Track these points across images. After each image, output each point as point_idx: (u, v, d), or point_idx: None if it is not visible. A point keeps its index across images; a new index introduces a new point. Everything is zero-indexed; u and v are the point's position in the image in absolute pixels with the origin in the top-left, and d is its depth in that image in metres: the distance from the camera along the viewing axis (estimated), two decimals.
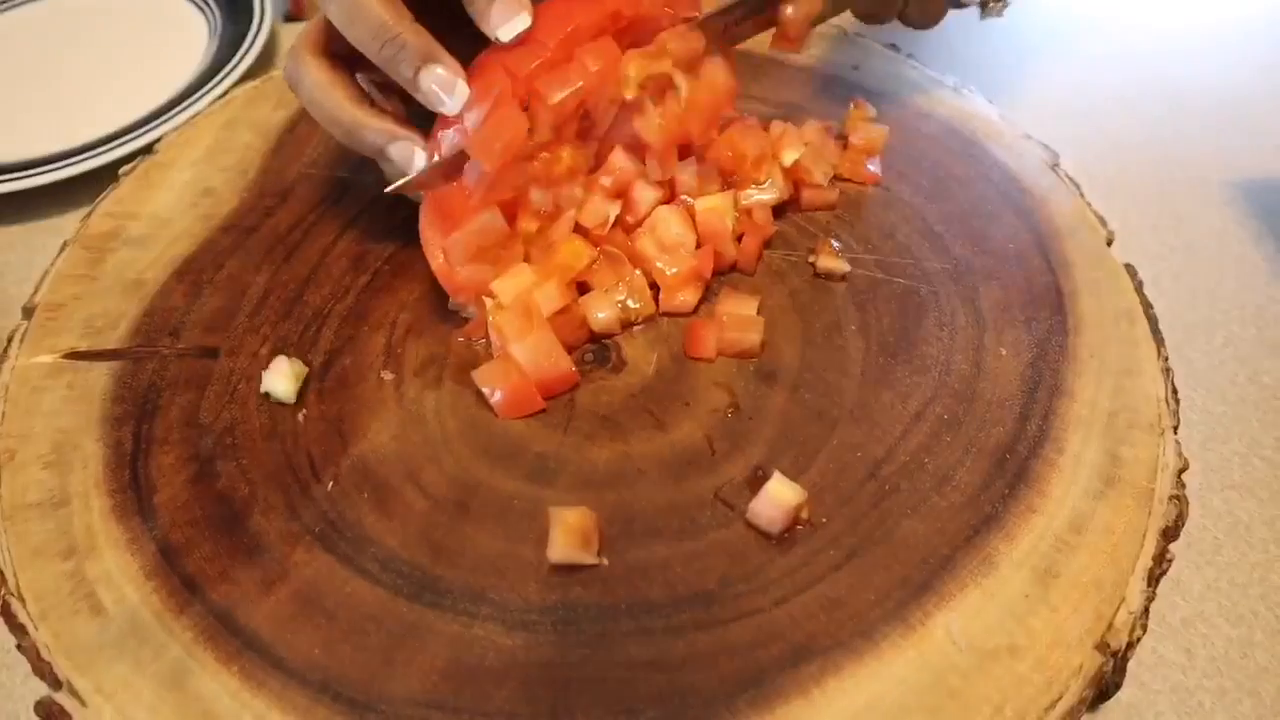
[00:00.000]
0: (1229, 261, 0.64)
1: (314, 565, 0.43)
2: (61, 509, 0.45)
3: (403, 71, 0.47)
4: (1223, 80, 0.79)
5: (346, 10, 0.47)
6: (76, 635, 0.41)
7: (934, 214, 0.58)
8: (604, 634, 0.41)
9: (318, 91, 0.50)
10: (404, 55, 0.46)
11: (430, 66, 0.46)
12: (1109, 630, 0.40)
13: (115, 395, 0.50)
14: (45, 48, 0.86)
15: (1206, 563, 0.50)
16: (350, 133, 0.50)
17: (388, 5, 0.47)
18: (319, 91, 0.50)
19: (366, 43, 0.47)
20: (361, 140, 0.50)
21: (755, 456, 0.46)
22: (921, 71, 0.68)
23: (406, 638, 0.41)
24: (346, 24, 0.47)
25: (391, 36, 0.46)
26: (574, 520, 0.43)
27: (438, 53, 0.47)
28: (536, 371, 0.47)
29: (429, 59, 0.46)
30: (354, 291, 0.54)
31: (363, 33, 0.47)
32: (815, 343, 0.51)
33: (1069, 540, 0.43)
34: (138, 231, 0.58)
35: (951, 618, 0.41)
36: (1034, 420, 0.47)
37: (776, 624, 0.41)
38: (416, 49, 0.46)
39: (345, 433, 0.48)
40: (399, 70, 0.47)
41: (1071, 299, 0.53)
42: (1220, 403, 0.56)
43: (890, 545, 0.43)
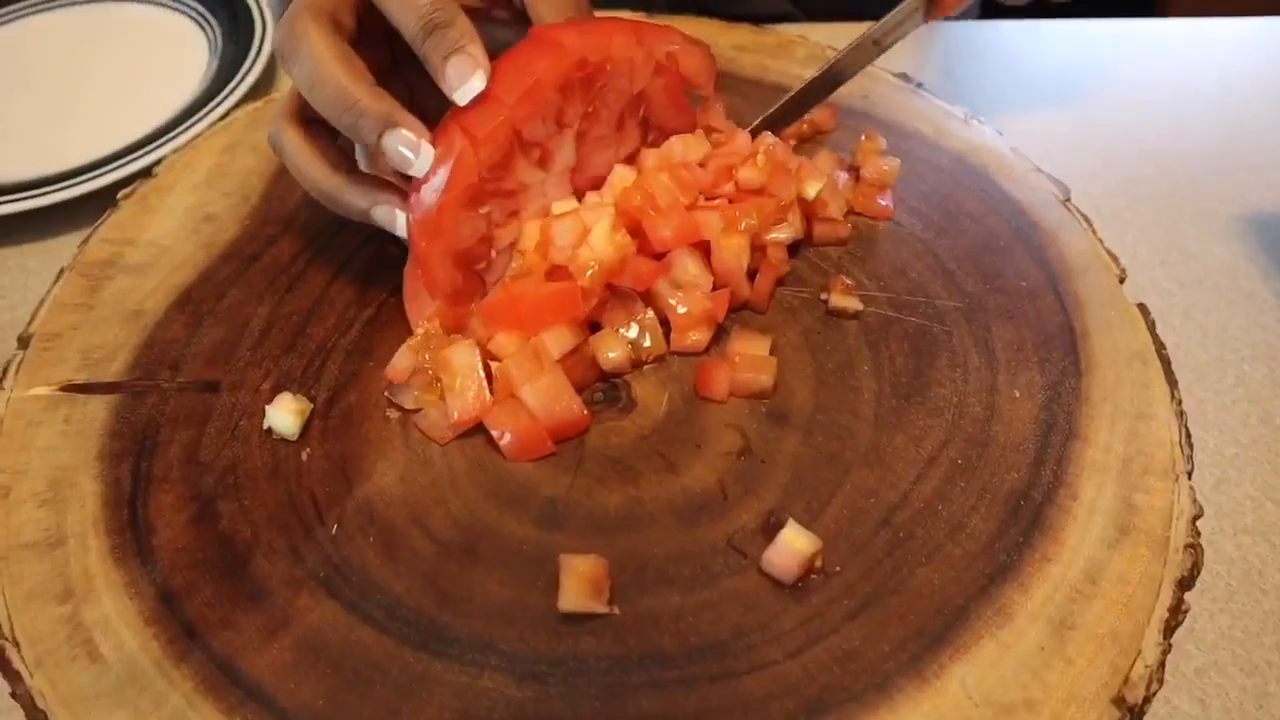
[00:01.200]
0: (1239, 297, 0.64)
1: (318, 612, 0.42)
2: (58, 549, 0.44)
3: (366, 137, 0.47)
4: (1232, 114, 0.78)
5: (309, 78, 0.47)
6: (73, 683, 0.40)
7: (946, 250, 0.57)
8: (615, 686, 0.40)
9: (297, 159, 0.50)
10: (365, 122, 0.46)
11: (393, 131, 0.46)
12: (1125, 684, 0.40)
13: (114, 430, 0.49)
14: (40, 66, 0.84)
15: (1220, 610, 0.49)
16: (332, 199, 0.50)
17: (347, 71, 0.47)
18: (299, 159, 0.50)
19: (329, 110, 0.47)
20: (345, 205, 0.50)
21: (768, 501, 0.46)
22: (932, 102, 0.67)
23: (413, 689, 0.40)
24: (309, 92, 0.47)
25: (352, 104, 0.46)
26: (585, 568, 0.42)
27: (399, 116, 0.46)
28: (547, 415, 0.47)
29: (389, 123, 0.46)
30: (358, 325, 0.53)
31: (324, 101, 0.47)
32: (828, 383, 0.51)
33: (1084, 590, 0.42)
34: (136, 259, 0.57)
35: (967, 670, 0.40)
36: (1048, 465, 0.47)
37: (790, 676, 0.40)
38: (377, 114, 0.46)
39: (350, 473, 0.47)
40: (362, 136, 0.47)
41: (1084, 339, 0.52)
42: (1232, 444, 0.56)
43: (904, 595, 0.42)
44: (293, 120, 0.50)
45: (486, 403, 0.47)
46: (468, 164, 0.47)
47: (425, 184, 0.47)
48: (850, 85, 0.67)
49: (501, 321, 0.48)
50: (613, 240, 0.49)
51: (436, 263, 0.48)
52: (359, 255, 0.57)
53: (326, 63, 0.46)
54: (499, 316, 0.48)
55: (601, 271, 0.49)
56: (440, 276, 0.49)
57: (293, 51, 0.47)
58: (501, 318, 0.48)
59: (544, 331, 0.48)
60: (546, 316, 0.48)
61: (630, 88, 0.53)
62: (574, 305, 0.48)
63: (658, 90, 0.54)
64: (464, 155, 0.47)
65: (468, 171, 0.47)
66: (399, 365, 0.49)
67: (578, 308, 0.49)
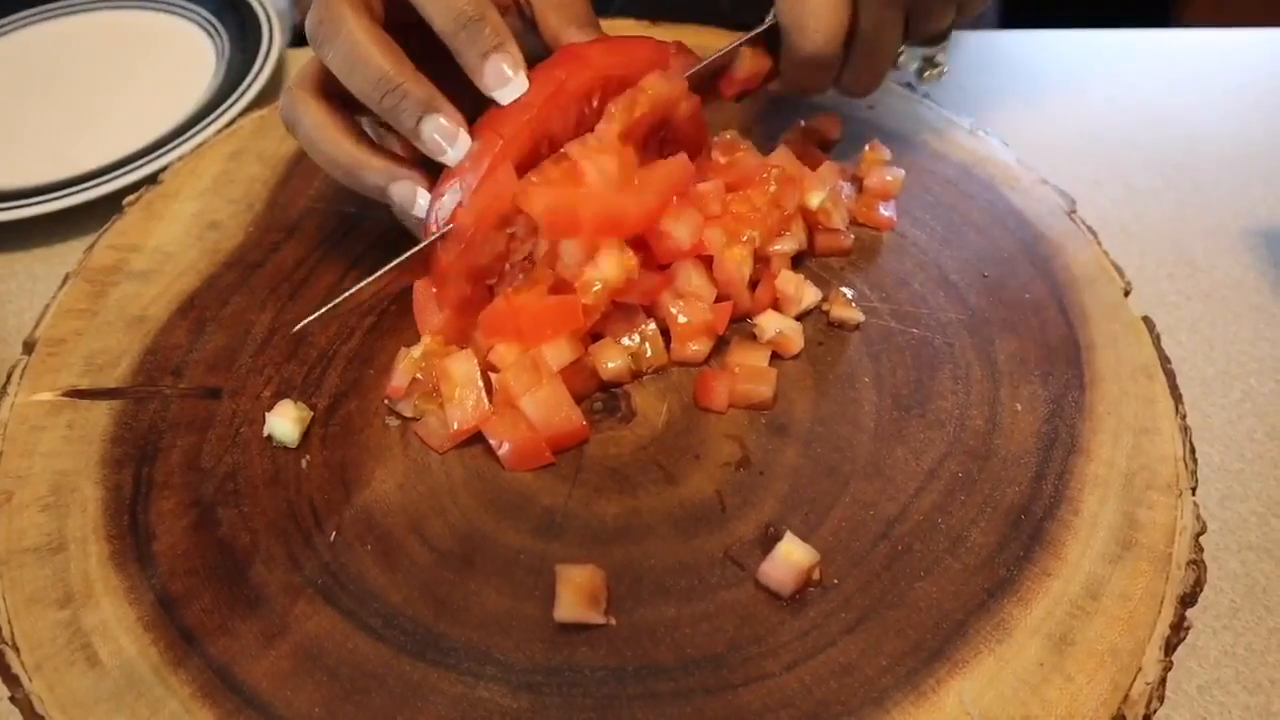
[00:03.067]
0: (1246, 311, 0.63)
1: (315, 619, 0.42)
2: (59, 554, 0.44)
3: (404, 121, 0.47)
4: (1242, 126, 0.78)
5: (346, 59, 0.47)
6: (71, 688, 0.40)
7: (949, 261, 0.57)
8: (611, 697, 0.40)
9: (316, 132, 0.49)
10: (406, 105, 0.46)
11: (432, 116, 0.46)
12: (1125, 702, 0.39)
13: (115, 436, 0.49)
14: (48, 72, 0.85)
15: (1223, 627, 0.49)
16: (350, 173, 0.49)
17: (389, 54, 0.46)
18: (317, 132, 0.49)
19: (367, 92, 0.47)
20: (362, 180, 0.49)
21: (766, 513, 0.46)
22: (937, 112, 0.67)
23: (409, 698, 0.40)
24: (347, 73, 0.47)
25: (393, 86, 0.46)
26: (582, 579, 0.42)
27: (440, 102, 0.46)
28: (546, 426, 0.47)
29: (431, 108, 0.46)
30: (360, 333, 0.54)
31: (363, 82, 0.47)
32: (828, 395, 0.50)
33: (1085, 606, 0.42)
34: (141, 265, 0.57)
35: (965, 686, 0.40)
36: (1050, 479, 0.47)
37: (787, 690, 0.40)
38: (418, 98, 0.46)
39: (349, 481, 0.47)
40: (400, 120, 0.47)
41: (1088, 352, 0.52)
42: (1238, 459, 0.55)
43: (903, 609, 0.42)
44: (311, 93, 0.50)
45: (485, 412, 0.47)
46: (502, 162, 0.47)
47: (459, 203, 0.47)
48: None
49: (501, 333, 0.48)
50: (620, 263, 0.49)
51: (454, 278, 0.49)
52: (361, 264, 0.57)
53: (365, 45, 0.46)
54: (499, 327, 0.48)
55: (606, 290, 0.49)
56: (454, 290, 0.49)
57: (331, 34, 0.47)
58: (502, 329, 0.48)
59: (544, 344, 0.48)
60: (547, 329, 0.48)
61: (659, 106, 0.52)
62: (575, 319, 0.48)
63: (682, 109, 0.54)
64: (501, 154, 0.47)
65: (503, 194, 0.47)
66: (398, 383, 0.49)
67: (579, 321, 0.48)
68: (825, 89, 0.58)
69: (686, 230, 0.50)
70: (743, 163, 0.54)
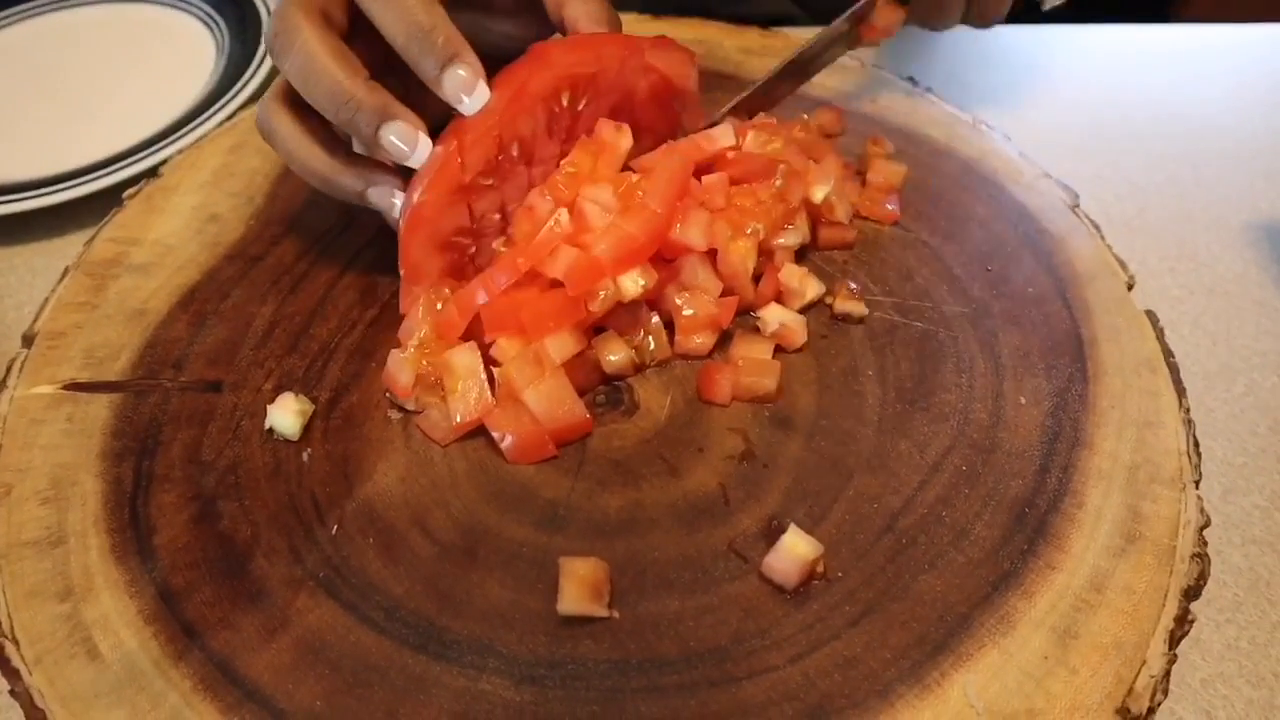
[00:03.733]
0: (1249, 306, 0.63)
1: (317, 613, 0.42)
2: (59, 548, 0.44)
3: (363, 131, 0.47)
4: (1244, 120, 0.78)
5: (302, 71, 0.47)
6: (72, 681, 0.40)
7: (952, 255, 0.57)
8: (614, 690, 0.40)
9: (291, 143, 0.50)
10: (361, 115, 0.46)
11: (389, 123, 0.46)
12: (1129, 695, 0.39)
13: (116, 429, 0.49)
14: (47, 65, 0.84)
15: (1227, 621, 0.49)
16: (327, 181, 0.50)
17: (343, 66, 0.47)
18: (292, 143, 0.50)
19: (324, 104, 0.47)
20: (339, 187, 0.50)
21: (770, 506, 0.45)
22: (940, 107, 0.67)
23: (411, 691, 0.40)
24: (303, 85, 0.47)
25: (348, 98, 0.46)
26: (585, 571, 0.42)
27: (395, 109, 0.47)
28: (550, 419, 0.46)
29: (386, 116, 0.46)
30: (361, 325, 0.53)
31: (319, 94, 0.47)
32: (832, 388, 0.50)
33: (1089, 599, 0.42)
34: (141, 258, 0.57)
35: (969, 679, 0.40)
36: (1054, 473, 0.46)
37: (790, 683, 0.40)
38: (373, 107, 0.46)
39: (351, 474, 0.47)
40: (358, 130, 0.47)
41: (1092, 346, 0.52)
42: (1241, 453, 0.55)
43: (907, 602, 0.42)
44: (284, 104, 0.50)
45: (488, 405, 0.47)
46: (453, 166, 0.47)
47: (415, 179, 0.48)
48: (858, 89, 0.67)
49: (504, 327, 0.48)
50: (638, 281, 0.48)
51: (416, 251, 0.49)
52: (362, 256, 0.57)
53: (319, 57, 0.46)
54: (501, 321, 0.48)
55: (613, 298, 0.48)
56: (421, 265, 0.49)
57: (285, 46, 0.47)
58: (504, 323, 0.48)
59: (547, 337, 0.48)
60: (549, 323, 0.48)
61: (616, 93, 0.53)
62: (578, 313, 0.48)
63: (643, 95, 0.54)
64: (450, 157, 0.47)
65: (453, 173, 0.48)
66: (400, 380, 0.48)
67: (582, 315, 0.48)
68: (955, 22, 0.59)
69: (698, 234, 0.50)
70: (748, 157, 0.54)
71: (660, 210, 0.49)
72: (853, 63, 0.70)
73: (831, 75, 0.68)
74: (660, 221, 0.48)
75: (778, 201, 0.53)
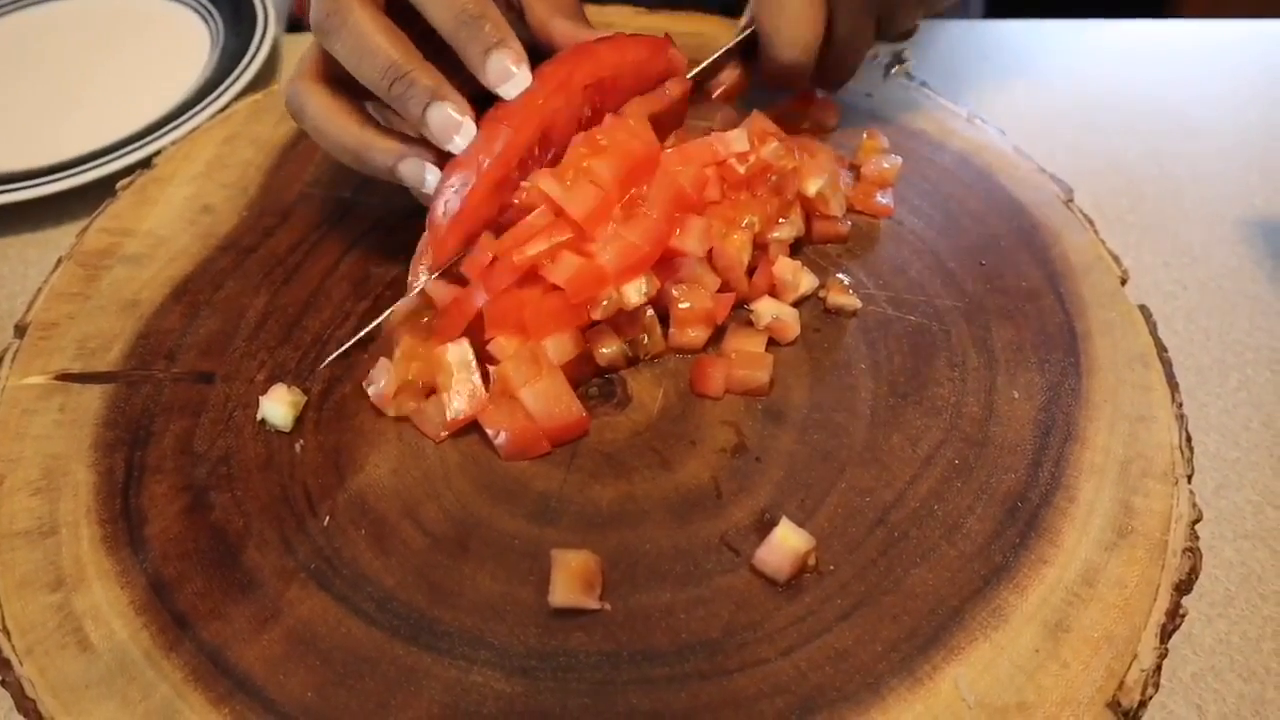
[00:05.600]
0: (1243, 301, 0.63)
1: (308, 604, 0.42)
2: (50, 538, 0.44)
3: (412, 108, 0.47)
4: (1239, 117, 0.78)
5: (355, 49, 0.47)
6: (63, 671, 0.40)
7: (946, 249, 0.57)
8: (605, 682, 0.40)
9: (321, 118, 0.50)
10: (413, 92, 0.47)
11: (439, 104, 0.47)
12: (1120, 689, 0.39)
13: (108, 420, 0.49)
14: (41, 55, 0.84)
15: (1218, 615, 0.49)
16: (358, 155, 0.50)
17: (396, 43, 0.47)
18: (323, 118, 0.50)
19: (376, 80, 0.47)
20: (370, 161, 0.49)
21: (762, 499, 0.45)
22: (935, 101, 0.67)
23: (403, 682, 0.40)
24: (355, 63, 0.48)
25: (401, 74, 0.47)
26: (577, 564, 0.42)
27: (446, 90, 0.47)
28: (547, 418, 0.46)
29: (438, 96, 0.47)
30: (355, 317, 0.53)
31: (371, 71, 0.47)
32: (825, 381, 0.50)
33: (1080, 593, 0.42)
34: (134, 249, 0.57)
35: (960, 672, 0.40)
36: (1046, 467, 0.47)
37: (782, 675, 0.40)
38: (426, 86, 0.47)
39: (343, 465, 0.47)
40: (408, 107, 0.47)
41: (1085, 340, 0.52)
42: (1233, 448, 0.55)
43: (898, 595, 0.42)
44: (315, 81, 0.50)
45: (482, 400, 0.47)
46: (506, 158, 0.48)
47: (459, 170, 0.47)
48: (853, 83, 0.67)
49: (505, 324, 0.48)
50: (641, 289, 0.48)
51: (454, 244, 0.49)
52: (356, 248, 0.57)
53: (373, 34, 0.47)
54: (503, 319, 0.48)
55: (615, 305, 0.48)
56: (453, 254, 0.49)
57: (338, 25, 0.47)
58: (506, 320, 0.48)
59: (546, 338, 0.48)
60: (550, 325, 0.48)
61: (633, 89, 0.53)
62: (580, 318, 0.48)
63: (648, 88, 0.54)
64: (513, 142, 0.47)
65: (504, 165, 0.48)
66: (386, 391, 0.48)
67: (584, 319, 0.48)
68: (801, 88, 0.60)
69: (697, 242, 0.50)
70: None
71: (662, 219, 0.49)
72: None
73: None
74: (659, 232, 0.48)
75: (773, 195, 0.53)
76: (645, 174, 0.50)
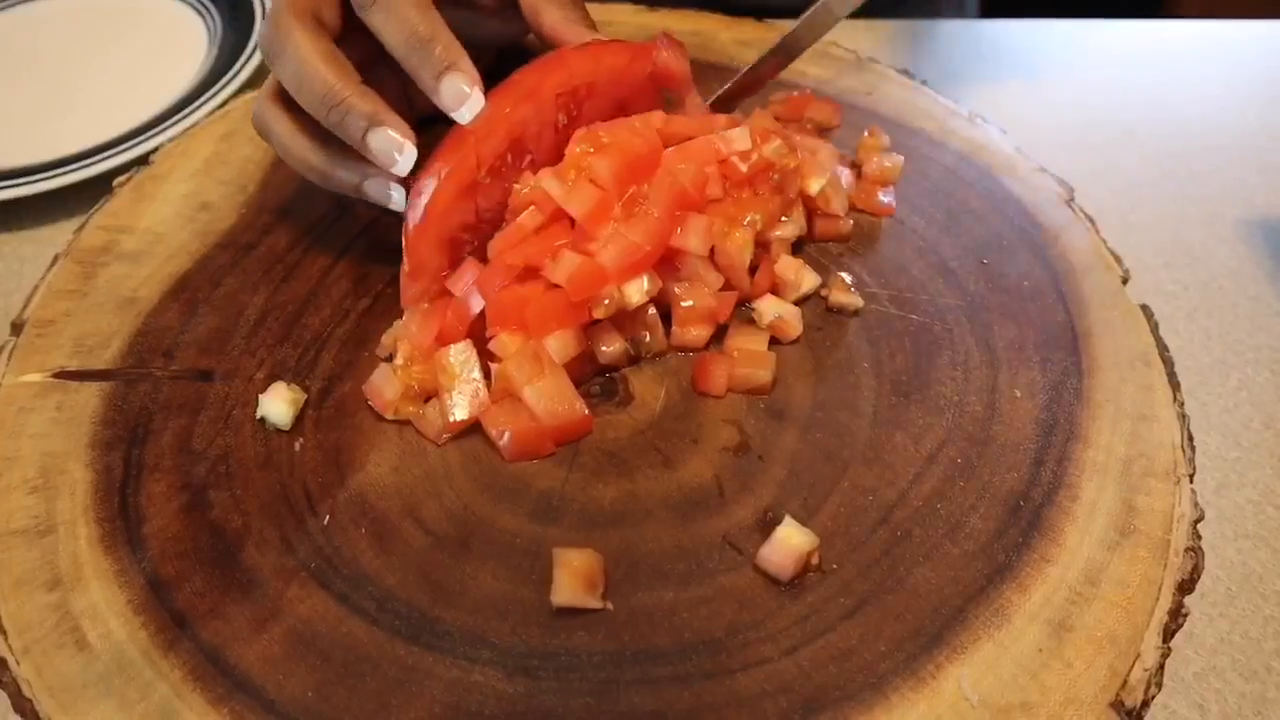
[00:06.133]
0: (1243, 301, 0.63)
1: (308, 603, 0.42)
2: (47, 537, 0.44)
3: (352, 134, 0.47)
4: (1239, 117, 0.78)
5: (294, 74, 0.48)
6: (60, 671, 0.40)
7: (948, 248, 0.57)
8: (608, 682, 0.39)
9: (287, 139, 0.51)
10: (351, 119, 0.47)
11: (378, 129, 0.47)
12: (1124, 688, 0.39)
13: (105, 418, 0.48)
14: (38, 52, 0.84)
15: (1220, 615, 0.49)
16: (324, 175, 0.50)
17: (334, 68, 0.47)
18: (288, 139, 0.51)
19: (315, 108, 0.48)
20: (336, 179, 0.50)
21: (765, 498, 0.45)
22: (936, 100, 0.67)
23: (403, 682, 0.39)
24: (295, 88, 0.48)
25: (338, 101, 0.47)
26: (579, 563, 0.42)
27: (384, 115, 0.47)
28: (550, 417, 0.46)
29: (375, 121, 0.47)
30: (354, 315, 0.53)
31: (310, 97, 0.48)
32: (827, 380, 0.50)
33: (1083, 592, 0.42)
34: (132, 246, 0.57)
35: (964, 671, 0.40)
36: (1048, 466, 0.46)
37: (785, 675, 0.40)
38: (363, 112, 0.47)
39: (343, 464, 0.47)
40: (348, 133, 0.47)
41: (1086, 340, 0.52)
42: (1234, 448, 0.55)
43: (902, 594, 0.42)
44: (278, 101, 0.51)
45: (484, 403, 0.47)
46: (469, 165, 0.48)
47: (425, 178, 0.47)
48: (854, 82, 0.67)
49: (508, 321, 0.48)
50: (642, 289, 0.48)
51: (424, 249, 0.49)
52: (355, 245, 0.57)
53: (311, 60, 0.47)
54: (505, 316, 0.48)
55: (617, 304, 0.48)
56: (426, 261, 0.49)
57: (278, 50, 0.48)
58: (508, 317, 0.48)
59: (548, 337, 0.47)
60: (552, 323, 0.47)
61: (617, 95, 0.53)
62: (582, 316, 0.48)
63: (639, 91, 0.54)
64: (466, 156, 0.48)
65: (468, 170, 0.48)
66: (385, 395, 0.48)
67: (585, 318, 0.48)
68: None
69: (699, 240, 0.49)
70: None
71: (664, 218, 0.48)
72: (849, 56, 0.70)
73: (827, 68, 0.68)
74: (660, 231, 0.48)
75: (775, 193, 0.53)
76: (647, 172, 0.50)
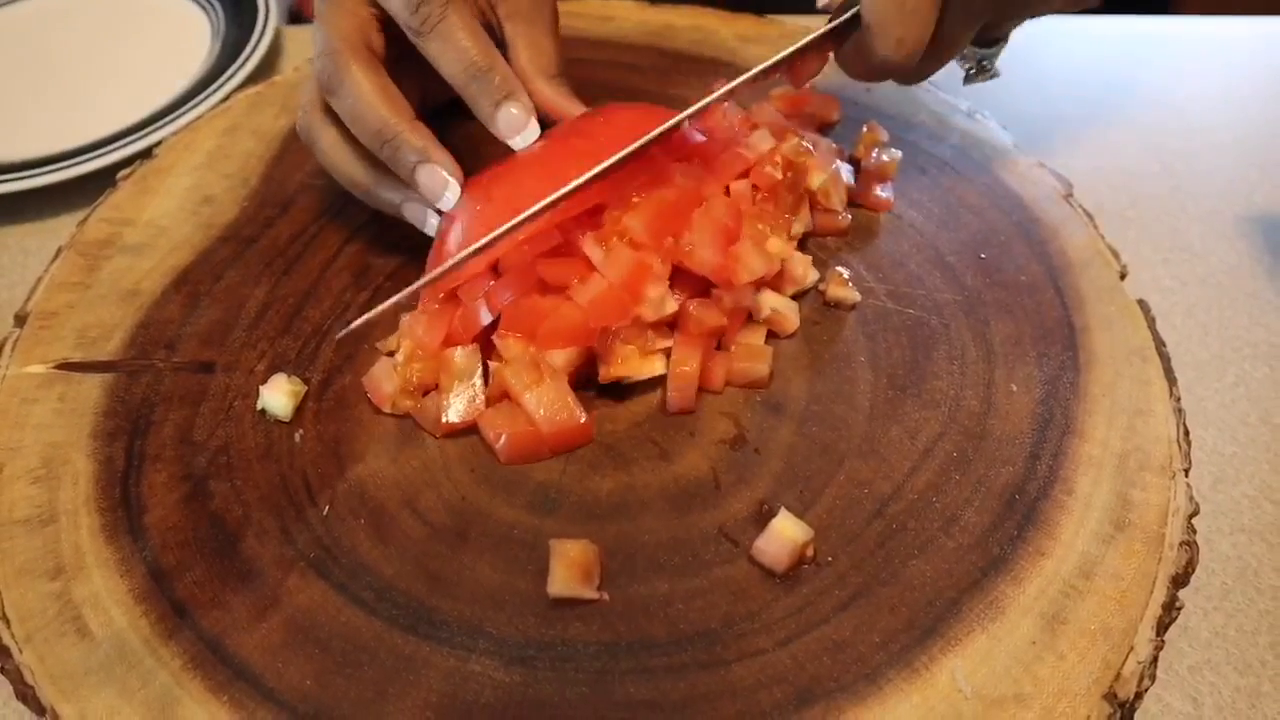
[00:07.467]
0: (1241, 297, 0.63)
1: (308, 593, 0.42)
2: (49, 526, 0.44)
3: (402, 168, 0.49)
4: (1239, 114, 0.78)
5: (350, 108, 0.49)
6: (62, 659, 0.40)
7: (945, 243, 0.57)
8: (604, 672, 0.40)
9: (333, 153, 0.52)
10: (403, 154, 0.49)
11: (426, 165, 0.48)
12: (1117, 680, 0.39)
13: (108, 409, 0.49)
14: (42, 46, 0.84)
15: (1214, 608, 0.49)
16: (367, 192, 0.52)
17: (388, 103, 0.49)
18: (334, 153, 0.52)
19: (369, 139, 0.49)
20: (378, 198, 0.52)
21: (761, 491, 0.45)
22: (935, 95, 0.67)
23: (401, 671, 0.40)
24: (351, 120, 0.50)
25: (391, 136, 0.48)
26: (575, 553, 0.42)
27: (434, 152, 0.49)
28: (548, 424, 0.46)
29: (426, 157, 0.48)
30: (355, 308, 0.53)
31: (365, 130, 0.49)
32: (824, 374, 0.50)
33: (1077, 586, 0.42)
34: (135, 239, 0.57)
35: (957, 663, 0.40)
36: (1044, 460, 0.47)
37: (780, 666, 0.40)
38: (415, 148, 0.48)
39: (342, 455, 0.47)
40: (399, 167, 0.49)
41: (1083, 334, 0.52)
42: (1231, 443, 0.55)
43: (896, 586, 0.42)
44: (327, 115, 0.52)
45: (478, 409, 0.47)
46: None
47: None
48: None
49: (519, 327, 0.48)
50: (657, 307, 0.48)
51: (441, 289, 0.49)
52: (356, 239, 0.57)
53: (367, 96, 0.49)
54: (517, 323, 0.48)
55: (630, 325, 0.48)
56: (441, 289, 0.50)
57: (336, 85, 0.49)
58: (520, 323, 0.47)
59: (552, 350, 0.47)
60: (562, 340, 0.47)
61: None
62: (589, 337, 0.48)
63: None
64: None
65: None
66: (384, 389, 0.48)
67: (593, 340, 0.48)
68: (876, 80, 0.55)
69: (710, 252, 0.49)
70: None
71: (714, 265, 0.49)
72: None
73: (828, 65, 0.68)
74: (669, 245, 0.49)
75: (788, 191, 0.53)
76: (686, 212, 0.50)
